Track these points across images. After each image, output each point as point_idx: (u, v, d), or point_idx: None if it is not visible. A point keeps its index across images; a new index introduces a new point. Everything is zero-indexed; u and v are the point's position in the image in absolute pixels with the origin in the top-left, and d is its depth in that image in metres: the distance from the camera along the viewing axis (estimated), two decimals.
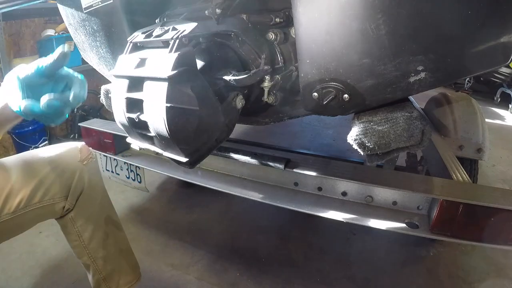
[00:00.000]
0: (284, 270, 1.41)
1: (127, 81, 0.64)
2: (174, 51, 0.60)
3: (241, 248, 1.55)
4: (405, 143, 0.70)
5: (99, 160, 1.45)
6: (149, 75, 0.60)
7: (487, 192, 0.87)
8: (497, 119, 3.59)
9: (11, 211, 0.79)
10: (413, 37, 0.62)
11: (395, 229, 0.89)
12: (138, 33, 0.70)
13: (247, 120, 1.03)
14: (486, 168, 2.37)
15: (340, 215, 0.94)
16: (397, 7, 0.60)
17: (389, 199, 0.94)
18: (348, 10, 0.63)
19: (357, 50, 0.66)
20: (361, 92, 0.70)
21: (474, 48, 0.62)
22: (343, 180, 0.96)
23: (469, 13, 0.59)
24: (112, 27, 0.97)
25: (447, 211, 0.83)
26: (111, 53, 1.03)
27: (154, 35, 0.65)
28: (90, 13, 0.97)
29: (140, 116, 0.63)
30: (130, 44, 0.69)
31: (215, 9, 0.75)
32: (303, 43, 0.71)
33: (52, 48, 2.41)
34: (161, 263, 1.44)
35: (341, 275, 1.39)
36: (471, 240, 0.85)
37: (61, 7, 1.09)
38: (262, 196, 1.04)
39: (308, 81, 0.74)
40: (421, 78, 0.65)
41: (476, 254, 1.52)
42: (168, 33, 0.64)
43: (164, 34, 0.64)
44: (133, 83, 0.64)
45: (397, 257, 1.51)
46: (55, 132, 2.70)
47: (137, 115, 0.63)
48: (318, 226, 1.68)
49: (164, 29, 0.65)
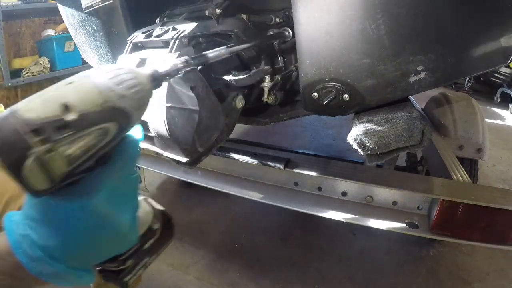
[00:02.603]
0: (284, 270, 1.41)
1: None
2: (174, 51, 0.60)
3: (241, 248, 1.54)
4: (405, 143, 0.70)
5: None
6: None
7: (487, 192, 0.87)
8: (497, 119, 3.59)
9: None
10: (413, 37, 0.62)
11: (395, 229, 0.89)
12: (138, 33, 0.70)
13: (247, 120, 1.03)
14: (486, 168, 2.36)
15: (340, 215, 0.94)
16: (397, 7, 0.60)
17: (389, 199, 0.94)
18: (348, 10, 0.63)
19: (357, 50, 0.66)
20: (361, 92, 0.70)
21: (474, 48, 0.62)
22: (343, 180, 0.96)
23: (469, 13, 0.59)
24: (112, 27, 0.97)
25: (447, 211, 0.83)
26: (111, 53, 1.04)
27: (154, 35, 0.65)
28: (90, 13, 0.97)
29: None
30: (130, 44, 0.69)
31: (215, 9, 0.75)
32: (303, 43, 0.71)
33: (52, 48, 2.42)
34: (161, 263, 1.44)
35: (341, 275, 1.39)
36: (471, 240, 0.85)
37: (61, 7, 1.10)
38: (262, 196, 1.04)
39: (308, 81, 0.75)
40: (421, 78, 0.65)
41: (476, 254, 1.52)
42: (168, 33, 0.64)
43: (164, 34, 0.64)
44: None
45: (397, 257, 1.50)
46: None
47: None
48: (318, 226, 1.68)
49: (164, 29, 0.66)
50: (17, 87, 2.34)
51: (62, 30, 2.49)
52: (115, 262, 0.42)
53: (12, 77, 2.21)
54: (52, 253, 0.33)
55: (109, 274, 0.43)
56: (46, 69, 2.37)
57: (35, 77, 2.33)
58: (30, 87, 2.45)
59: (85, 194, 0.33)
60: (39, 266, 0.33)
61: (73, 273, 0.34)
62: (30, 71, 2.29)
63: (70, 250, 0.34)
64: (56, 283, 0.34)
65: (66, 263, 0.34)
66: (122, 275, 0.44)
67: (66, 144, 0.29)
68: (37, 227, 0.33)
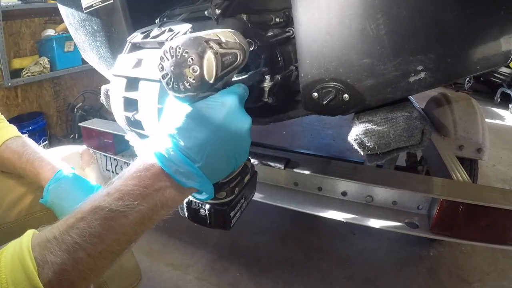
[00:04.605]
0: (284, 270, 1.41)
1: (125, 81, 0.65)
2: None
3: (241, 248, 1.54)
4: (405, 143, 0.70)
5: (99, 160, 1.45)
6: (143, 76, 0.61)
7: (487, 192, 0.87)
8: (497, 119, 3.59)
9: (12, 220, 0.79)
10: (413, 37, 0.62)
11: (395, 229, 0.89)
12: (137, 33, 0.71)
13: None
14: (486, 168, 2.36)
15: (340, 215, 0.94)
16: (397, 7, 0.60)
17: (389, 199, 0.94)
18: (348, 10, 0.63)
19: (357, 50, 0.66)
20: (361, 92, 0.70)
21: (474, 48, 0.62)
22: (343, 180, 0.96)
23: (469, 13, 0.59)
24: (112, 27, 0.97)
25: (447, 211, 0.83)
26: (111, 53, 1.03)
27: (151, 35, 0.66)
28: (90, 13, 0.97)
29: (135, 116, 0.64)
30: (129, 44, 0.69)
31: (214, 10, 0.75)
32: (303, 43, 0.71)
33: (52, 48, 2.42)
34: (161, 263, 1.44)
35: (341, 275, 1.39)
36: (471, 240, 0.85)
37: (61, 7, 1.10)
38: (262, 196, 1.04)
39: (308, 81, 0.75)
40: (421, 78, 0.65)
41: (476, 254, 1.52)
42: (164, 34, 0.64)
43: (160, 36, 0.64)
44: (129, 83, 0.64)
45: (397, 257, 1.51)
46: (55, 132, 2.70)
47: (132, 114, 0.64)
48: (318, 226, 1.68)
49: (161, 30, 0.66)
50: (17, 87, 2.33)
51: (62, 30, 2.48)
52: (224, 190, 0.49)
53: (12, 77, 2.20)
54: (190, 152, 0.40)
55: (217, 210, 0.49)
56: (46, 69, 2.37)
57: (35, 77, 2.32)
58: (30, 87, 2.45)
59: (225, 94, 0.45)
60: (175, 165, 0.40)
61: (201, 176, 0.41)
62: (30, 71, 2.29)
63: (206, 147, 0.41)
64: (187, 184, 0.41)
65: (199, 163, 0.40)
66: (229, 208, 0.50)
67: (223, 53, 0.44)
68: (178, 132, 0.41)
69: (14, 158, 0.74)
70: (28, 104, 2.47)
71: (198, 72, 0.41)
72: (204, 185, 0.42)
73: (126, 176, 0.40)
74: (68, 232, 0.37)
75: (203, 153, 0.40)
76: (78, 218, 0.38)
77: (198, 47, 0.42)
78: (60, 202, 0.69)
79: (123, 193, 0.38)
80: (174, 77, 0.43)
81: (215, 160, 0.42)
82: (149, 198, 0.39)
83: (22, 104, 2.43)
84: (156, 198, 0.40)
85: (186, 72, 0.42)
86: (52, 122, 2.67)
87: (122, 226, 0.38)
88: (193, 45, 0.41)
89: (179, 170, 0.40)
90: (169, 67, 0.43)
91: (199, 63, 0.41)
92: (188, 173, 0.40)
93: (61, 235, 0.37)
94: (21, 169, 0.74)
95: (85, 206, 0.39)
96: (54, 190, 0.69)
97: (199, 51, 0.41)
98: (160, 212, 0.41)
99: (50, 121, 2.64)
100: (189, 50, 0.41)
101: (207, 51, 0.42)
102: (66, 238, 0.36)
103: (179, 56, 0.42)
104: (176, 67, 0.42)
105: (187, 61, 0.41)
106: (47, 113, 2.60)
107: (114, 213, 0.37)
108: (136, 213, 0.38)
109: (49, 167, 0.72)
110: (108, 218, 0.37)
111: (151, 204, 0.39)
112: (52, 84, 2.62)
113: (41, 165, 0.72)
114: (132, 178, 0.39)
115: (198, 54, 0.41)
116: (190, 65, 0.41)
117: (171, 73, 0.43)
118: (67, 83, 2.75)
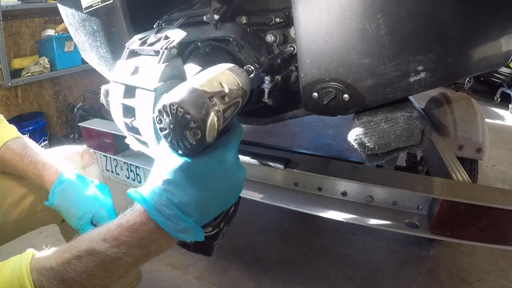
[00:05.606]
0: (284, 270, 1.41)
1: (123, 87, 0.65)
2: (162, 62, 0.61)
3: (241, 248, 1.54)
4: (405, 143, 0.70)
5: (99, 160, 1.45)
6: (139, 84, 0.61)
7: (487, 192, 0.87)
8: (497, 119, 3.59)
9: (12, 220, 0.79)
10: (413, 37, 0.62)
11: (395, 229, 0.89)
12: (135, 38, 0.71)
13: (247, 120, 1.03)
14: (486, 168, 2.37)
15: (340, 215, 0.94)
16: (397, 7, 0.60)
17: (389, 199, 0.94)
18: (348, 10, 0.63)
19: (357, 50, 0.66)
20: (361, 92, 0.70)
21: (474, 48, 0.62)
22: (343, 180, 0.96)
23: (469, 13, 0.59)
24: (112, 27, 0.97)
25: (447, 211, 0.83)
26: (111, 53, 1.03)
27: (148, 43, 0.66)
28: (90, 13, 0.97)
29: (133, 122, 0.64)
30: (127, 50, 0.70)
31: (212, 15, 0.75)
32: (303, 43, 0.71)
33: (52, 48, 2.42)
34: (161, 263, 1.44)
35: (341, 275, 1.39)
36: (471, 240, 0.85)
37: (61, 7, 1.10)
38: (262, 196, 1.04)
39: (308, 81, 0.75)
40: (421, 78, 0.65)
41: (476, 254, 1.52)
42: (159, 42, 0.64)
43: (156, 43, 0.64)
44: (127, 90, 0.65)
45: (397, 257, 1.51)
46: (55, 132, 2.70)
47: (131, 121, 0.64)
48: (318, 226, 1.68)
49: (157, 37, 0.66)
50: (17, 87, 2.33)
51: (62, 30, 2.48)
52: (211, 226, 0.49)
53: (12, 77, 2.20)
54: (186, 208, 0.41)
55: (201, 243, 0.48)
56: (46, 69, 2.37)
57: (35, 77, 2.32)
58: (30, 87, 2.45)
59: (223, 151, 0.43)
60: (172, 222, 0.41)
61: (196, 228, 0.42)
62: (30, 71, 2.29)
63: (201, 202, 0.41)
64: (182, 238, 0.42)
65: (195, 218, 0.41)
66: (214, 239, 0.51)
67: (225, 108, 0.41)
68: (174, 188, 0.41)
69: (16, 160, 0.74)
70: (28, 104, 2.47)
71: (199, 136, 0.38)
72: (198, 235, 0.43)
73: (124, 226, 0.42)
74: (64, 266, 0.41)
75: (199, 208, 0.42)
76: (75, 255, 0.41)
77: (202, 109, 0.37)
78: (65, 204, 0.69)
79: (120, 242, 0.41)
80: (173, 135, 0.39)
81: (209, 210, 0.44)
82: (144, 247, 0.42)
83: (22, 104, 2.43)
84: (151, 247, 0.43)
85: (186, 134, 0.38)
86: (52, 122, 2.67)
87: (116, 267, 0.42)
88: (195, 106, 0.37)
89: (176, 228, 0.41)
90: (168, 124, 0.39)
91: (201, 128, 0.38)
92: (184, 229, 0.42)
93: (57, 267, 0.41)
94: (23, 171, 0.74)
95: (82, 244, 0.42)
96: (60, 193, 0.69)
97: (202, 115, 0.37)
98: (152, 255, 0.45)
99: (50, 121, 2.63)
100: (191, 112, 0.37)
101: (210, 113, 0.38)
102: (62, 271, 0.40)
103: (180, 117, 0.38)
104: (176, 126, 0.38)
105: (189, 123, 0.37)
106: (47, 113, 2.60)
107: (109, 257, 0.41)
108: (131, 258, 0.42)
109: (53, 169, 0.72)
110: (103, 261, 0.41)
111: (145, 251, 0.43)
112: (52, 84, 2.62)
113: (44, 167, 0.72)
114: (129, 229, 0.42)
115: (201, 118, 0.37)
116: (192, 128, 0.38)
117: (171, 130, 0.39)
118: (67, 83, 2.74)
